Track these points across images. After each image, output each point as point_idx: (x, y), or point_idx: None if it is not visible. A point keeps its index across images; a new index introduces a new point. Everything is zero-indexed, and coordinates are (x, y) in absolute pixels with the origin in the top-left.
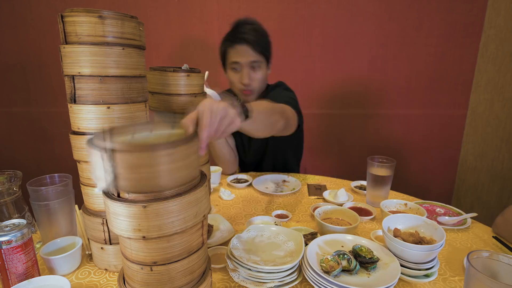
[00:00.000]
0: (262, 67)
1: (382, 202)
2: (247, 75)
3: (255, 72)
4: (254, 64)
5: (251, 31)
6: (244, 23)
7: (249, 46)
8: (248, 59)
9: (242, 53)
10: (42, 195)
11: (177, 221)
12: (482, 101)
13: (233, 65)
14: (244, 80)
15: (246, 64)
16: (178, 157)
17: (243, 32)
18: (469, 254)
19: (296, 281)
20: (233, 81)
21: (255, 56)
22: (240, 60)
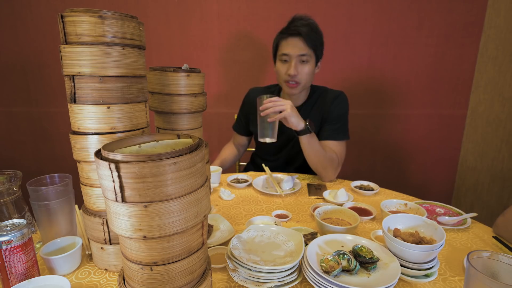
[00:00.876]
0: (311, 62)
1: (382, 202)
2: (295, 66)
3: (303, 66)
4: (303, 57)
5: (305, 26)
6: (300, 18)
7: (301, 39)
8: (298, 51)
9: (293, 45)
10: (42, 195)
11: (177, 221)
12: (482, 101)
13: (282, 57)
14: (291, 71)
15: (296, 56)
16: (184, 165)
17: (297, 26)
18: (469, 254)
19: (296, 281)
20: (280, 72)
21: (305, 50)
22: (290, 51)
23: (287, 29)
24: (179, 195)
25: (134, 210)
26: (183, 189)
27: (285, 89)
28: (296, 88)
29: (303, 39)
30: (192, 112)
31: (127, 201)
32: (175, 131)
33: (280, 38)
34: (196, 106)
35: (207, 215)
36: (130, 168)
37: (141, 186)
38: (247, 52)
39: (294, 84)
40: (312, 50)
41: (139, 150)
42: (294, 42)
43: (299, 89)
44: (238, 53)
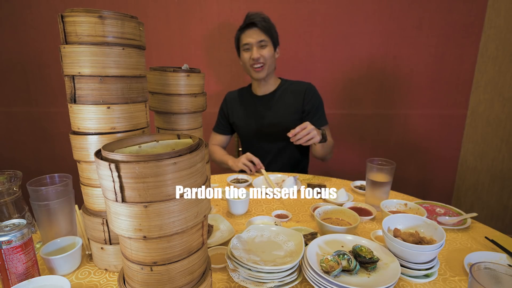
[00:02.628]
0: (269, 46)
1: (382, 202)
2: (256, 51)
3: (263, 49)
4: (262, 43)
5: (258, 17)
6: (253, 13)
7: (257, 28)
8: (257, 38)
9: (251, 35)
10: (42, 195)
11: (178, 221)
12: (482, 101)
13: (244, 47)
14: (254, 54)
15: (255, 43)
16: (183, 165)
17: (251, 18)
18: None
19: (296, 281)
20: (245, 60)
21: (262, 36)
22: (250, 40)
23: (244, 24)
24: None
25: (134, 210)
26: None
27: (253, 74)
28: (262, 71)
29: (258, 28)
30: (192, 112)
31: (127, 201)
32: (175, 131)
33: (240, 33)
34: (196, 106)
35: (207, 215)
36: (130, 168)
37: (141, 186)
38: None
39: (259, 68)
40: (268, 36)
41: (139, 150)
42: (251, 32)
43: (265, 71)
44: None
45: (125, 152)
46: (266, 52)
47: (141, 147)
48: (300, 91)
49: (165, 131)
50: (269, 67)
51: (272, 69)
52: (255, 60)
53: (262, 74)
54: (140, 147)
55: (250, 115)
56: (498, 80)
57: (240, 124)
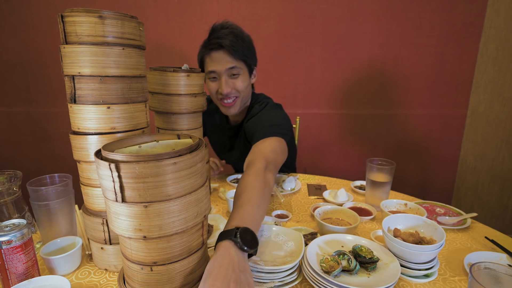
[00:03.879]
0: (243, 74)
1: (382, 202)
2: (225, 83)
3: (235, 80)
4: (232, 70)
5: (227, 35)
6: (221, 27)
7: (225, 52)
8: (225, 66)
9: (218, 60)
10: (42, 195)
11: (177, 221)
12: (482, 101)
13: (210, 74)
14: (222, 89)
15: (224, 72)
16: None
17: (219, 37)
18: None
19: (296, 281)
20: (211, 91)
21: (233, 62)
22: (216, 68)
23: (208, 42)
24: (179, 195)
25: (134, 210)
26: (183, 189)
27: (223, 110)
28: (233, 106)
29: (227, 51)
30: (192, 112)
31: (127, 201)
32: (175, 131)
33: (203, 54)
34: (196, 106)
35: (207, 215)
36: (130, 168)
37: (141, 186)
38: None
39: (230, 103)
40: (242, 61)
41: (139, 150)
42: (218, 56)
43: (237, 106)
44: None
45: (125, 152)
46: (238, 82)
47: (141, 147)
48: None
49: (165, 131)
50: (242, 100)
51: (247, 99)
52: (223, 95)
53: (234, 109)
54: (140, 147)
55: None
56: (498, 80)
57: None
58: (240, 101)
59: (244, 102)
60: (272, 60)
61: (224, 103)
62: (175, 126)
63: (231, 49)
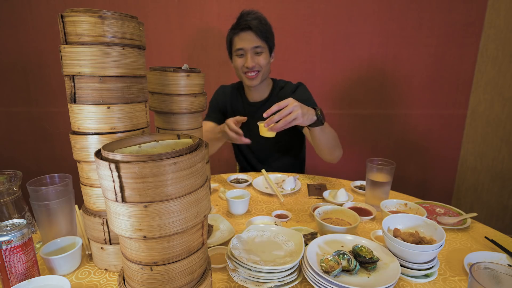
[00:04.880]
0: (265, 53)
1: (382, 202)
2: (251, 58)
3: (258, 57)
4: (257, 49)
5: (254, 19)
6: (248, 13)
7: (252, 32)
8: (252, 44)
9: (246, 39)
10: (42, 195)
11: (178, 221)
12: (482, 101)
13: (238, 52)
14: (248, 63)
15: (250, 49)
16: (183, 165)
17: (247, 20)
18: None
19: (296, 281)
20: (237, 66)
21: (258, 42)
22: (244, 46)
23: (237, 24)
24: (179, 195)
25: (134, 210)
26: (183, 189)
27: (246, 82)
28: (256, 78)
29: (254, 32)
30: (192, 112)
31: (127, 201)
32: (175, 131)
33: (233, 34)
34: (196, 106)
35: (207, 215)
36: (130, 168)
37: (141, 186)
38: None
39: (253, 75)
40: (265, 41)
41: (139, 150)
42: (246, 36)
43: (259, 79)
44: None
45: (125, 152)
46: (261, 59)
47: (141, 147)
48: (288, 93)
49: (165, 131)
50: (263, 74)
51: (266, 76)
52: (249, 68)
53: (256, 81)
54: (140, 147)
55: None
56: (498, 80)
57: None
58: (261, 75)
59: (264, 77)
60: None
61: (248, 75)
62: (175, 126)
63: (257, 29)
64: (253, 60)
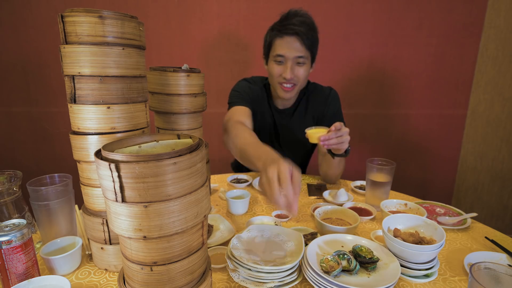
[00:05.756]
0: (307, 64)
1: (382, 202)
2: (291, 69)
3: (299, 68)
4: (300, 59)
5: (302, 24)
6: (295, 14)
7: (298, 39)
8: (295, 53)
9: (289, 46)
10: (42, 195)
11: (178, 221)
12: (482, 101)
13: (277, 58)
14: (287, 74)
15: (292, 58)
16: (183, 165)
17: (294, 24)
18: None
19: (296, 281)
20: (273, 73)
21: (302, 51)
22: (286, 53)
23: (282, 26)
24: (179, 195)
25: (134, 210)
26: (183, 189)
27: (280, 93)
28: (291, 91)
29: (300, 39)
30: (192, 112)
31: (127, 201)
32: (175, 131)
33: (275, 36)
34: (196, 106)
35: (207, 215)
36: (130, 168)
37: (141, 186)
38: (247, 52)
39: (289, 88)
40: (309, 50)
41: (139, 150)
42: (290, 43)
43: (294, 92)
44: (238, 53)
45: (125, 152)
46: (302, 71)
47: (141, 147)
48: (321, 101)
49: (165, 131)
50: (300, 88)
51: (303, 87)
52: (286, 79)
53: (291, 94)
54: (140, 147)
55: (265, 123)
56: (498, 80)
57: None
58: (297, 88)
59: (299, 90)
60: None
61: (284, 87)
62: (175, 126)
63: (304, 37)
64: (293, 72)
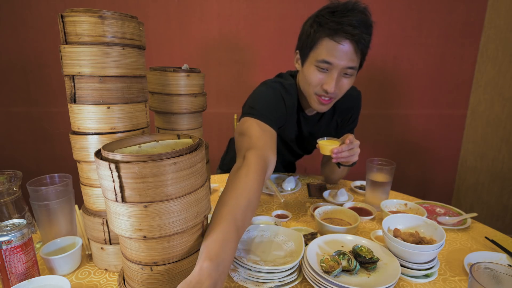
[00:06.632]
0: (353, 76)
1: (382, 202)
2: (336, 82)
3: (344, 80)
4: (348, 70)
5: (362, 24)
6: (354, 9)
7: (353, 45)
8: (346, 63)
9: (341, 53)
10: (42, 195)
11: (178, 221)
12: (482, 101)
13: (321, 64)
14: (331, 87)
15: (341, 68)
16: (183, 165)
17: (353, 25)
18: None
19: (296, 281)
20: (312, 81)
21: (354, 60)
22: (335, 61)
23: (337, 24)
24: (179, 195)
25: (134, 210)
26: (183, 189)
27: (313, 104)
28: (328, 105)
29: (356, 45)
30: (192, 112)
31: (127, 201)
32: (175, 131)
33: (324, 35)
34: (196, 106)
35: (207, 215)
36: (130, 168)
37: (141, 186)
38: (247, 52)
39: (327, 101)
40: (361, 58)
41: (139, 150)
42: (343, 48)
43: (331, 106)
44: (238, 53)
45: (125, 152)
46: (346, 84)
47: (141, 147)
48: (348, 109)
49: (165, 131)
50: (337, 100)
51: None
52: (327, 92)
53: (327, 108)
54: (140, 147)
55: (290, 131)
56: (498, 80)
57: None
58: (334, 102)
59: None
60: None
61: (322, 99)
62: (175, 126)
63: (361, 43)
64: (337, 85)
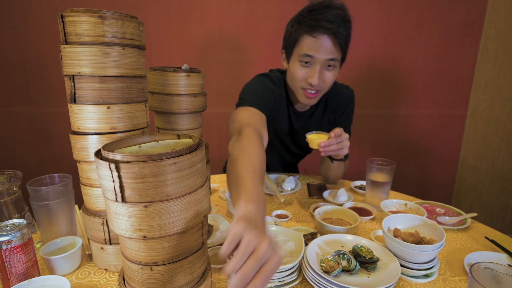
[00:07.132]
0: (336, 68)
1: (382, 202)
2: (319, 74)
3: (328, 72)
4: (330, 62)
5: (339, 19)
6: (330, 6)
7: (331, 38)
8: (326, 55)
9: (320, 46)
10: (42, 195)
11: (178, 221)
12: (482, 101)
13: (304, 58)
14: (314, 80)
15: (322, 61)
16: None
17: (329, 20)
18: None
19: (296, 281)
20: (297, 76)
21: (334, 53)
22: (316, 54)
23: (314, 21)
24: (179, 195)
25: (134, 210)
26: (183, 189)
27: (300, 98)
28: (315, 99)
29: (334, 38)
30: (192, 112)
31: (127, 201)
32: (175, 131)
33: (303, 32)
34: (196, 106)
35: (207, 215)
36: (130, 168)
37: (141, 186)
38: (247, 52)
39: (313, 94)
40: (342, 51)
41: (139, 150)
42: (322, 42)
43: (317, 99)
44: (238, 53)
45: (125, 152)
46: (330, 76)
47: (141, 147)
48: (340, 106)
49: (165, 131)
50: (323, 94)
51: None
52: (312, 85)
53: (314, 101)
54: (140, 147)
55: (281, 126)
56: (498, 80)
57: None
58: (321, 95)
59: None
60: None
61: (308, 93)
62: (175, 126)
63: (339, 37)
64: (321, 77)
